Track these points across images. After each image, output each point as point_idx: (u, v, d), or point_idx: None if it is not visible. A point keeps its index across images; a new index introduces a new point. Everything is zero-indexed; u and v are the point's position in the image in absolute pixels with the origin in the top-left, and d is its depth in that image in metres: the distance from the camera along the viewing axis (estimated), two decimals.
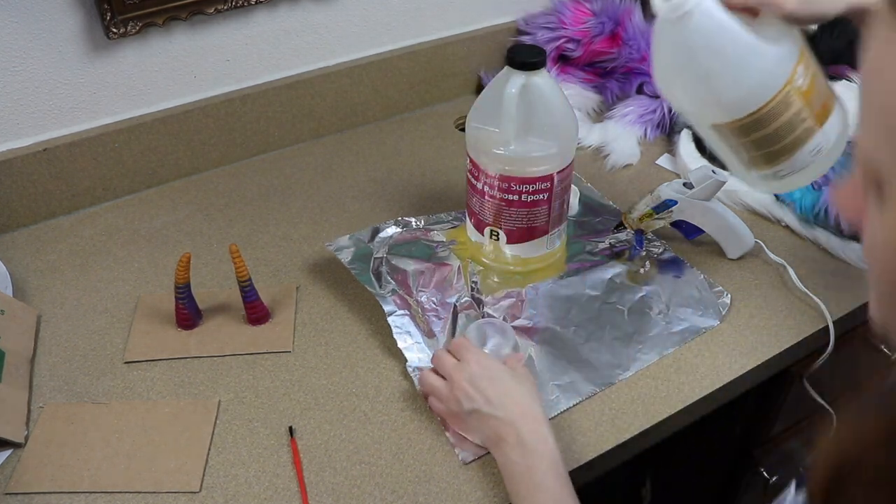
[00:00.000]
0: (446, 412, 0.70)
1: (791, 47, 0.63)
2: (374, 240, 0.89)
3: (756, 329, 0.82)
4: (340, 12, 1.07)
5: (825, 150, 0.68)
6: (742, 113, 0.64)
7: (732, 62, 0.63)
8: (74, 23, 0.90)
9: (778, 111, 0.64)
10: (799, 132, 0.66)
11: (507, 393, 0.67)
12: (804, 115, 0.65)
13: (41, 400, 0.76)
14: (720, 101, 0.65)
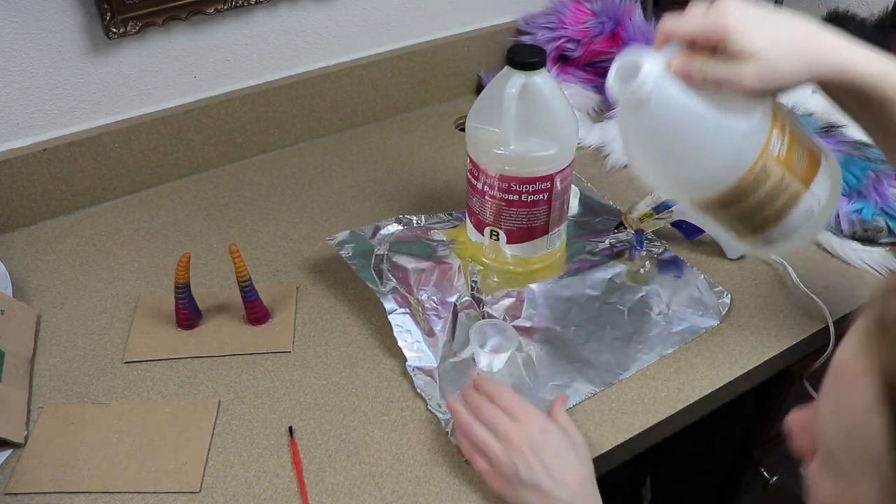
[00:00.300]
0: (493, 474, 0.64)
1: (762, 116, 0.59)
2: (375, 236, 0.89)
3: (756, 329, 0.82)
4: (340, 12, 1.07)
5: (817, 210, 0.64)
6: (716, 190, 0.61)
7: (698, 143, 0.60)
8: (74, 23, 0.90)
9: (756, 184, 0.61)
10: (784, 199, 0.62)
11: (568, 469, 0.62)
12: (787, 181, 0.62)
13: (41, 400, 0.76)
14: (692, 181, 0.63)
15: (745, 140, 0.59)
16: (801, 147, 0.62)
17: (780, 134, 0.60)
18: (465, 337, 0.79)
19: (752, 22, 0.55)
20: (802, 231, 0.66)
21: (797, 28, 0.57)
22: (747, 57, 0.55)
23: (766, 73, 0.55)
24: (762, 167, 0.60)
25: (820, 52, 0.56)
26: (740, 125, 0.58)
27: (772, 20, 0.56)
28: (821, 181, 0.63)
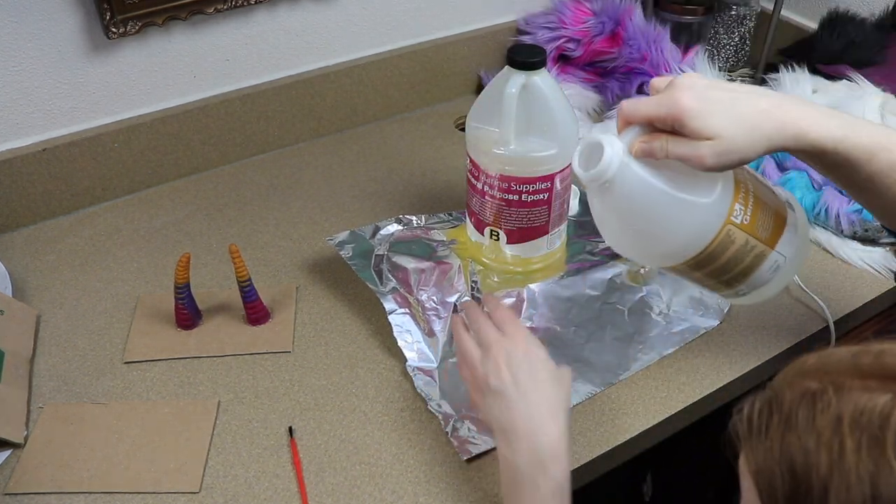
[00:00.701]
0: (472, 382, 0.66)
1: (723, 189, 0.61)
2: (375, 236, 0.89)
3: (757, 329, 0.82)
4: (340, 12, 1.07)
5: (784, 264, 0.67)
6: (683, 259, 0.64)
7: (661, 221, 0.62)
8: (74, 22, 0.90)
9: (720, 250, 0.63)
10: (749, 260, 0.65)
11: (540, 388, 0.62)
12: (751, 245, 0.64)
13: (41, 400, 0.75)
14: (658, 253, 0.65)
15: (707, 214, 0.61)
16: (765, 210, 0.64)
17: (744, 202, 0.62)
18: None
19: (708, 104, 0.57)
20: (771, 284, 0.68)
21: (753, 103, 0.58)
22: (705, 137, 0.56)
23: (724, 153, 0.57)
24: (726, 235, 0.62)
25: (775, 125, 0.57)
26: (702, 200, 0.60)
27: (727, 99, 0.57)
28: (786, 238, 0.65)
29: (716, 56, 1.22)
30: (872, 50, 1.11)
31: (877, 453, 0.36)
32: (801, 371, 0.43)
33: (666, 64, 1.10)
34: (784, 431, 0.40)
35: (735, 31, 1.21)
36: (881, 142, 0.58)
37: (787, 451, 0.39)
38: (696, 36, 1.20)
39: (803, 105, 0.59)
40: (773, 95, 0.60)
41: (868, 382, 0.39)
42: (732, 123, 0.56)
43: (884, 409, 0.37)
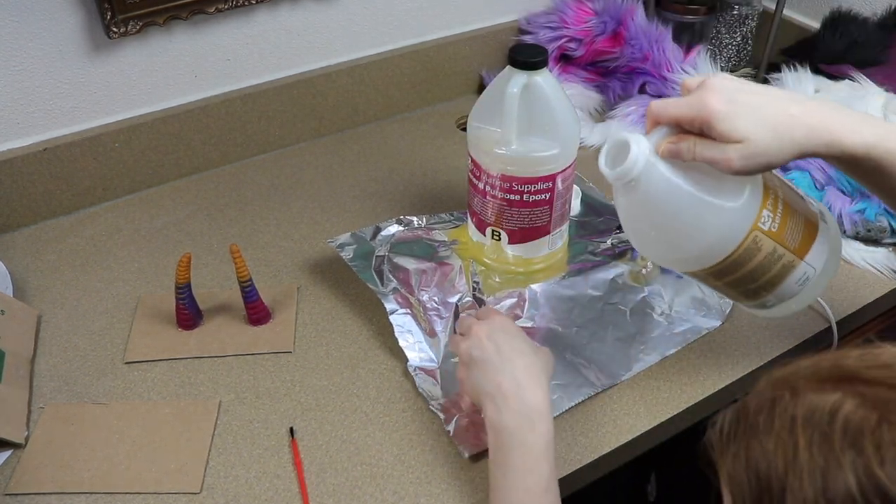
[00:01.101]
0: (460, 364, 0.68)
1: (751, 194, 0.60)
2: (376, 238, 0.89)
3: (758, 329, 0.82)
4: (342, 12, 1.07)
5: (812, 277, 0.66)
6: (708, 264, 0.63)
7: (686, 222, 0.61)
8: (75, 22, 0.89)
9: (746, 257, 0.62)
10: (776, 270, 0.64)
11: (521, 353, 0.64)
12: (779, 253, 0.63)
13: (41, 400, 0.75)
14: (683, 256, 0.64)
15: (734, 218, 0.60)
16: (796, 218, 0.63)
17: (773, 208, 0.61)
18: None
19: (736, 107, 0.56)
20: (799, 297, 0.67)
21: (783, 108, 0.57)
22: (733, 141, 0.56)
23: (752, 156, 0.56)
24: (752, 241, 0.61)
25: (806, 130, 0.56)
26: (729, 204, 0.59)
27: (756, 102, 0.57)
28: (817, 250, 0.64)
29: (718, 56, 1.22)
30: (875, 50, 1.11)
31: (826, 449, 0.37)
32: (769, 381, 0.44)
33: (668, 64, 1.10)
34: (749, 438, 0.41)
35: (737, 30, 1.20)
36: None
37: (752, 457, 0.40)
38: (698, 35, 1.20)
39: (836, 110, 0.58)
40: (806, 101, 0.58)
41: (824, 385, 0.40)
42: (761, 127, 0.56)
43: (833, 406, 0.38)
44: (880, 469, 0.36)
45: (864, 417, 0.37)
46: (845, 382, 0.40)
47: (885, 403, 0.38)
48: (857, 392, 0.39)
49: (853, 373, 0.40)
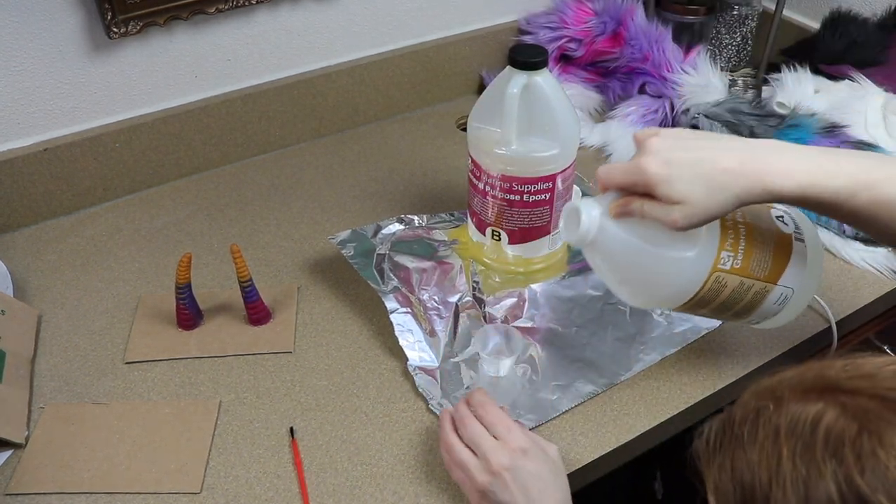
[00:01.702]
0: (471, 487, 0.63)
1: (708, 239, 0.63)
2: (377, 236, 0.89)
3: (759, 329, 0.82)
4: (342, 12, 1.07)
5: (791, 296, 0.68)
6: (676, 304, 0.66)
7: (646, 274, 0.64)
8: (75, 22, 0.89)
9: (712, 294, 0.65)
10: (749, 298, 0.66)
11: (546, 493, 0.61)
12: (748, 285, 0.65)
13: (42, 400, 0.75)
14: (652, 300, 0.68)
15: (691, 266, 0.63)
16: (762, 249, 0.65)
17: (733, 246, 0.63)
18: (465, 338, 0.79)
19: (672, 168, 0.58)
20: (783, 314, 0.69)
21: (717, 163, 0.57)
22: (674, 202, 0.58)
23: (693, 215, 0.58)
24: (715, 281, 0.64)
25: (742, 182, 0.57)
26: (684, 254, 0.62)
27: (692, 160, 0.57)
28: (791, 272, 0.66)
29: (717, 56, 1.22)
30: (875, 50, 1.11)
31: (808, 458, 0.38)
32: (754, 391, 0.44)
33: (668, 64, 1.10)
34: (734, 449, 0.42)
35: (737, 30, 1.20)
36: (863, 180, 0.57)
37: (737, 467, 0.41)
38: (697, 36, 1.20)
39: (772, 154, 0.58)
40: (741, 149, 0.58)
41: (807, 395, 0.41)
42: (699, 187, 0.57)
43: (815, 416, 0.39)
44: (860, 478, 0.36)
45: (845, 427, 0.38)
46: (828, 393, 0.40)
47: (866, 413, 0.38)
48: (838, 402, 0.39)
49: (835, 383, 0.40)
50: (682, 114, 1.09)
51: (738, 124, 1.02)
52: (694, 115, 1.06)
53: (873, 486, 0.36)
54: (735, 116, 1.03)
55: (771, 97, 1.09)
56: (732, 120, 1.03)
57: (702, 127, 1.04)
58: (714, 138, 0.60)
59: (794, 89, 1.07)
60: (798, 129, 0.98)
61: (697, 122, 1.05)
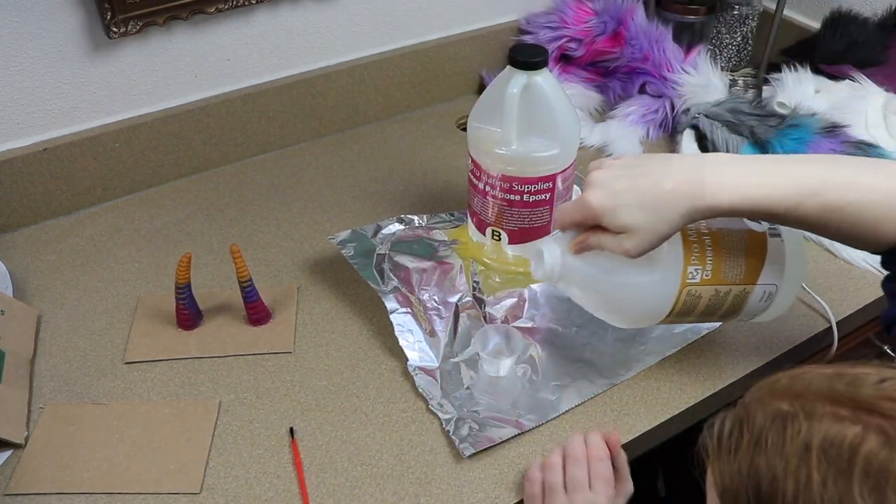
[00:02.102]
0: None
1: (671, 259, 0.64)
2: (377, 235, 0.89)
3: (759, 329, 0.82)
4: (342, 12, 1.07)
5: (776, 291, 0.68)
6: (655, 322, 0.68)
7: (616, 301, 0.67)
8: (75, 22, 0.89)
9: (690, 306, 0.66)
10: (730, 302, 0.68)
11: None
12: (724, 291, 0.66)
13: (41, 400, 0.75)
14: (631, 322, 0.70)
15: (657, 288, 0.65)
16: (733, 255, 0.66)
17: (700, 260, 0.65)
18: (465, 338, 0.79)
19: (615, 199, 0.59)
20: (771, 309, 0.71)
21: (658, 186, 0.58)
22: (622, 232, 0.60)
23: (643, 240, 0.59)
24: (687, 295, 0.65)
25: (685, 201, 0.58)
26: (648, 278, 0.64)
27: (633, 187, 0.59)
28: (770, 269, 0.67)
29: (718, 56, 1.22)
30: (875, 50, 1.11)
31: (843, 486, 0.36)
32: (772, 390, 0.42)
33: (668, 64, 1.10)
34: (753, 453, 0.40)
35: (737, 30, 1.20)
36: (808, 188, 0.57)
37: (755, 474, 0.39)
38: (698, 36, 1.20)
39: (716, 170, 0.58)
40: (682, 168, 0.59)
41: (840, 410, 0.39)
42: (643, 213, 0.58)
43: (853, 441, 0.37)
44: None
45: (889, 460, 0.36)
46: (864, 413, 0.38)
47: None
48: (879, 428, 0.37)
49: (870, 403, 0.38)
50: (683, 114, 1.09)
51: (739, 124, 1.02)
52: (694, 115, 1.06)
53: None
54: (735, 116, 1.03)
55: (771, 97, 1.09)
56: (733, 120, 1.03)
57: (702, 127, 1.04)
58: (656, 161, 0.61)
59: (795, 89, 1.07)
60: (799, 129, 0.98)
61: (698, 122, 1.05)
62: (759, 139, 1.00)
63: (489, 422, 0.72)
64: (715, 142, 1.02)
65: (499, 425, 0.72)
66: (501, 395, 0.75)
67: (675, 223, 0.58)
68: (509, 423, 0.72)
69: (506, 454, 0.70)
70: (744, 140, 1.01)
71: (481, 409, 0.73)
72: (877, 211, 0.56)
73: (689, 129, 1.07)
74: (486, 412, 0.73)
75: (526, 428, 0.72)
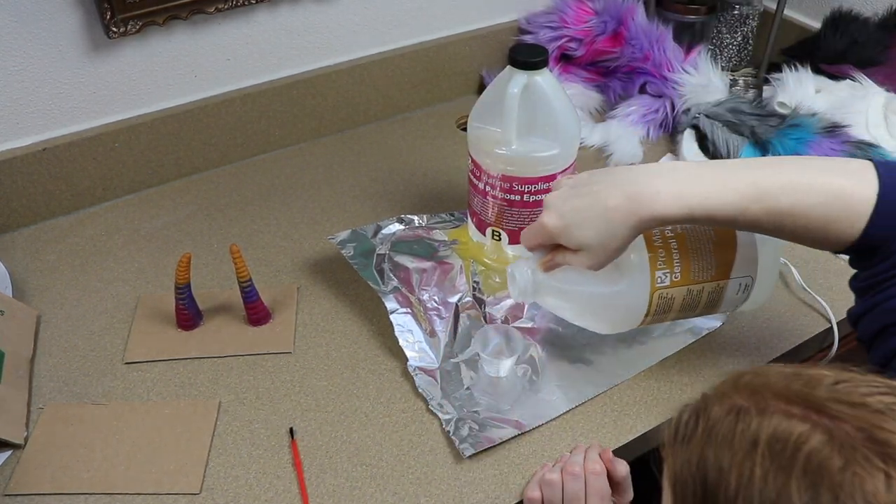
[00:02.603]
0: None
1: (638, 266, 0.65)
2: (377, 236, 0.89)
3: (759, 330, 0.82)
4: (342, 11, 1.07)
5: (753, 280, 0.69)
6: (633, 327, 0.70)
7: (590, 312, 0.70)
8: (74, 22, 0.89)
9: (664, 308, 0.68)
10: (706, 298, 0.69)
11: None
12: (696, 289, 0.68)
13: (41, 401, 0.75)
14: (611, 328, 0.72)
15: (627, 295, 0.67)
16: (700, 254, 0.67)
17: (666, 263, 0.66)
18: (465, 339, 0.79)
19: (567, 220, 0.61)
20: (753, 297, 0.71)
21: (604, 203, 0.59)
22: (578, 250, 0.62)
23: (598, 255, 0.61)
24: (659, 298, 0.67)
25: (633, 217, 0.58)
26: (615, 288, 0.66)
27: (583, 206, 0.60)
28: (741, 261, 0.68)
29: (718, 56, 1.22)
30: (876, 50, 1.11)
31: (781, 482, 0.36)
32: (734, 385, 0.43)
33: (668, 63, 1.10)
34: (705, 444, 0.40)
35: (738, 30, 1.20)
36: (752, 194, 0.56)
37: (704, 464, 0.40)
38: (698, 35, 1.19)
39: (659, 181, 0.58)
40: (626, 182, 0.59)
41: (792, 409, 0.39)
42: (594, 231, 0.60)
43: (798, 438, 0.37)
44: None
45: (828, 458, 0.36)
46: (814, 412, 0.38)
47: (852, 448, 0.36)
48: (825, 428, 0.37)
49: (821, 404, 0.39)
50: (683, 114, 1.09)
51: (739, 124, 1.02)
52: (695, 115, 1.06)
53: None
54: (736, 116, 1.03)
55: (772, 97, 1.09)
56: (733, 120, 1.02)
57: (703, 127, 1.04)
58: (603, 176, 0.61)
59: (796, 89, 1.06)
60: (799, 128, 0.98)
61: (698, 122, 1.05)
62: (759, 139, 1.00)
63: (489, 422, 0.72)
64: (715, 142, 1.02)
65: (499, 426, 0.71)
66: (502, 395, 0.75)
67: (625, 236, 0.60)
68: (509, 424, 0.72)
69: (506, 455, 0.70)
70: (744, 140, 1.00)
71: (481, 410, 0.73)
72: (825, 212, 0.55)
73: (690, 129, 1.07)
74: (487, 412, 0.73)
75: (526, 428, 0.72)
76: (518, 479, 0.68)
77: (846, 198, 0.55)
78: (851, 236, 0.56)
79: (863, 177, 0.55)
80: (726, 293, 0.69)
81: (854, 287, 0.61)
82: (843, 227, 0.55)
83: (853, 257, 0.60)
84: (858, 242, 0.56)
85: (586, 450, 0.68)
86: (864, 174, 0.55)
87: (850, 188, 0.55)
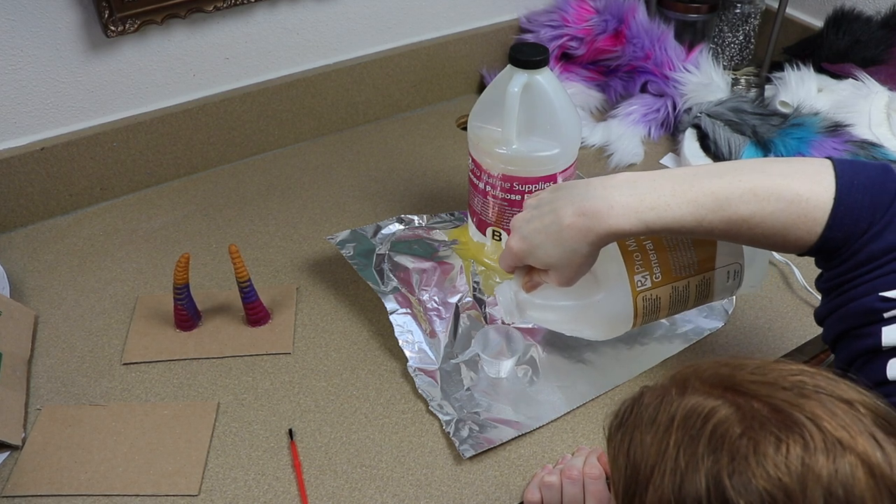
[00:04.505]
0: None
1: (615, 273, 0.65)
2: (377, 236, 0.88)
3: (761, 330, 0.82)
4: (341, 10, 1.07)
5: (740, 268, 0.69)
6: (626, 330, 0.69)
7: (578, 324, 0.70)
8: (72, 21, 0.89)
9: (651, 309, 0.67)
10: (694, 293, 0.68)
11: None
12: (682, 285, 0.67)
13: (39, 402, 0.75)
14: (603, 334, 0.71)
15: (610, 303, 0.66)
16: (680, 250, 0.67)
17: (644, 266, 0.66)
18: (465, 339, 0.78)
19: (529, 242, 0.62)
20: (747, 280, 0.71)
21: (559, 222, 0.59)
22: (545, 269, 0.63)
23: (565, 272, 0.61)
24: (643, 300, 0.66)
25: (589, 235, 0.58)
26: (596, 298, 0.66)
27: (542, 227, 0.60)
28: (724, 252, 0.68)
29: (720, 54, 1.22)
30: (878, 48, 1.10)
31: (690, 451, 0.39)
32: (671, 377, 0.45)
33: (669, 62, 1.10)
34: (633, 428, 0.43)
35: (739, 29, 1.20)
36: (707, 204, 0.56)
37: (633, 447, 0.42)
38: (700, 34, 1.19)
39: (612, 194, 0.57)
40: (579, 198, 0.58)
41: (712, 390, 0.41)
42: (555, 250, 0.60)
43: (709, 411, 0.40)
44: (728, 479, 0.37)
45: (731, 427, 0.39)
46: (730, 392, 0.41)
47: (753, 418, 0.39)
48: (735, 402, 0.40)
49: (738, 383, 0.41)
50: (684, 113, 1.09)
51: (741, 123, 1.01)
52: (696, 115, 1.06)
53: (738, 491, 0.37)
54: (738, 115, 1.02)
55: (774, 96, 1.09)
56: (735, 119, 1.02)
57: (704, 126, 1.04)
58: (561, 195, 0.60)
59: (798, 88, 1.06)
60: (801, 128, 0.98)
61: (700, 122, 1.05)
62: (761, 139, 0.99)
63: (489, 423, 0.71)
64: (717, 141, 1.02)
65: (499, 427, 0.71)
66: (502, 396, 0.74)
67: (587, 252, 0.59)
68: (510, 425, 0.71)
69: (506, 456, 0.70)
70: (746, 140, 1.00)
71: (482, 411, 0.73)
72: (783, 218, 0.55)
73: (691, 129, 1.06)
74: (487, 413, 0.72)
75: (526, 429, 0.71)
76: (518, 480, 0.68)
77: (803, 203, 0.54)
78: (810, 241, 0.55)
79: (821, 180, 0.54)
80: (715, 283, 0.69)
81: (819, 288, 0.61)
82: (801, 234, 0.55)
83: (816, 259, 0.60)
84: (817, 246, 0.56)
85: (588, 454, 0.68)
86: (822, 177, 0.55)
87: (806, 193, 0.54)
